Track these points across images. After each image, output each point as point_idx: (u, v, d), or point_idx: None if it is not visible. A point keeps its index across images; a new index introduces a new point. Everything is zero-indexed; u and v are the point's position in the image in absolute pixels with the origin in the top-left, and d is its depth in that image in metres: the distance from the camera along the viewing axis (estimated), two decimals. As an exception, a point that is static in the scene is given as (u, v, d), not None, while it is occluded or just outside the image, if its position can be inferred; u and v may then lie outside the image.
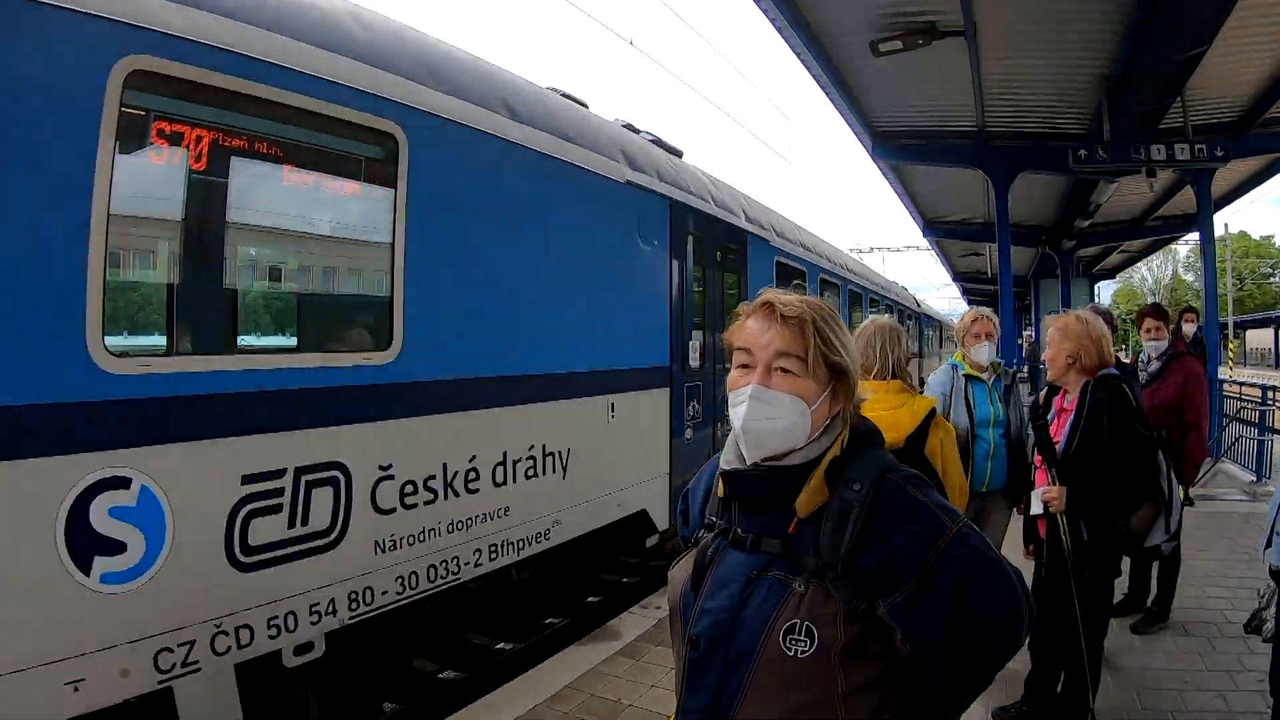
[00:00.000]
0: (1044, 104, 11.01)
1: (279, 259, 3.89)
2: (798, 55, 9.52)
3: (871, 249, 56.83)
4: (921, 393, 3.13)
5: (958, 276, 39.71)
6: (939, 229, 22.71)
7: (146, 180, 3.11)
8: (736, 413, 1.48)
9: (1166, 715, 3.87)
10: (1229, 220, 56.82)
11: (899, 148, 13.09)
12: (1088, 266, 27.43)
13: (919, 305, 21.63)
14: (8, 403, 2.53)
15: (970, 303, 47.15)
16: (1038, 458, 3.57)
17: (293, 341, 3.69)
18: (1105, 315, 4.68)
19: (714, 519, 1.59)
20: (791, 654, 1.38)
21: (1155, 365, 4.99)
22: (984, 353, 4.29)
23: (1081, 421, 3.41)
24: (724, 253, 7.51)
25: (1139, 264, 46.58)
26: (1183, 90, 9.36)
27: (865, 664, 1.41)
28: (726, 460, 1.55)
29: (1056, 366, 3.59)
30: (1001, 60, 9.44)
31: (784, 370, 1.47)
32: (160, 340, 3.16)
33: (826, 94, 10.78)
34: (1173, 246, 36.86)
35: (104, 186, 2.81)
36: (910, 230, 23.03)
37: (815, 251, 10.49)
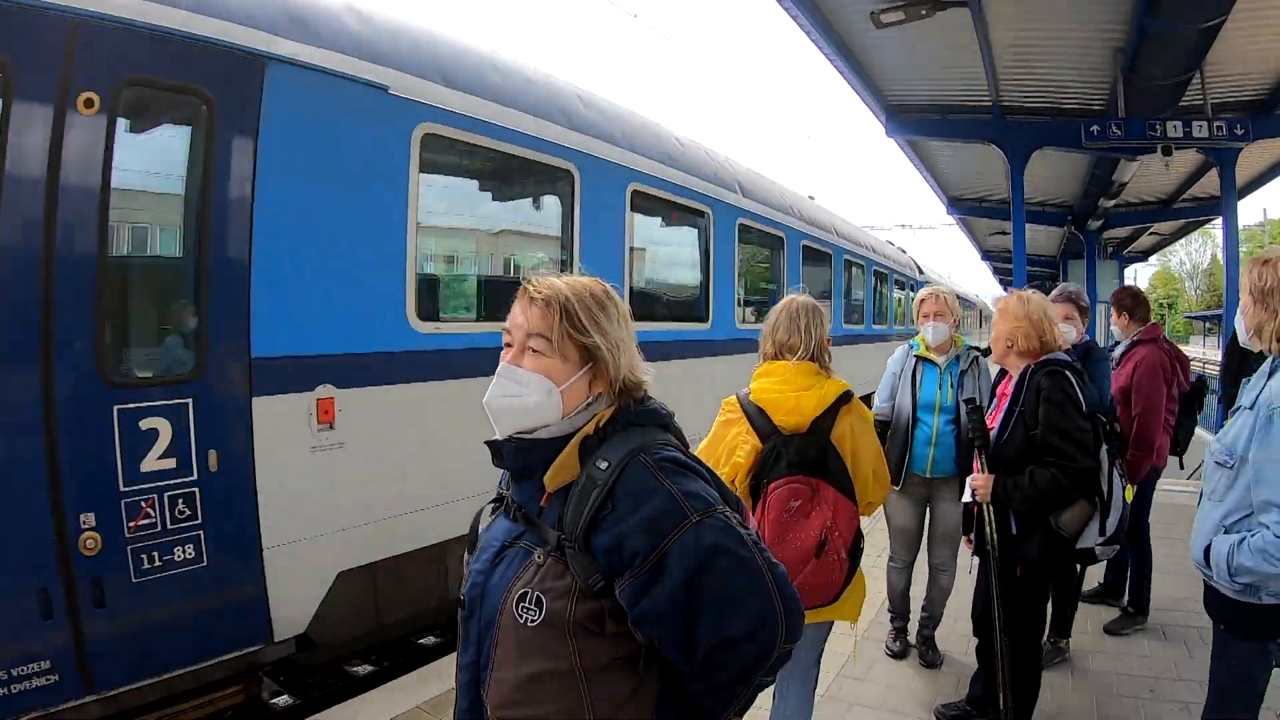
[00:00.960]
0: (1058, 78, 10.66)
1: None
2: (803, 30, 9.36)
3: (901, 225, 56.39)
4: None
5: (986, 255, 39.04)
6: (963, 206, 22.33)
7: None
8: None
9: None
10: (1269, 205, 55.25)
11: (914, 122, 12.80)
12: (1118, 248, 26.86)
13: (920, 271, 20.51)
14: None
15: (1001, 283, 46.49)
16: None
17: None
18: (1074, 297, 4.54)
19: (502, 488, 1.63)
20: (522, 622, 1.42)
21: (1119, 351, 4.78)
22: (932, 333, 4.19)
23: (1016, 408, 3.29)
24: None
25: (1176, 247, 45.59)
26: (1201, 65, 8.99)
27: (608, 643, 1.43)
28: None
29: (996, 349, 3.48)
30: (1011, 31, 9.12)
31: (534, 350, 1.51)
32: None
33: (834, 66, 10.52)
34: (1211, 229, 35.83)
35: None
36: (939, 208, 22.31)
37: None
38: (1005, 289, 49.40)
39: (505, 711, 1.48)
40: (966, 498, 3.48)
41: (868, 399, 4.01)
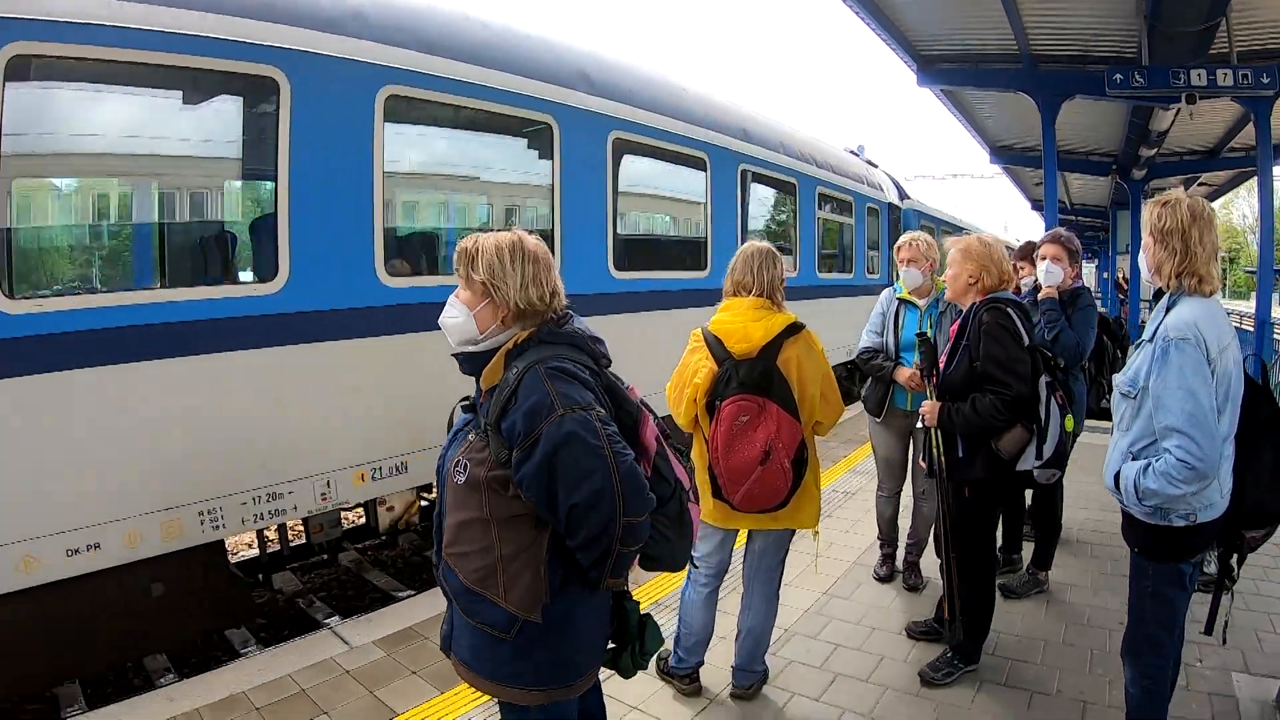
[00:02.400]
0: (1085, 25, 10.61)
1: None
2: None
3: (953, 175, 55.31)
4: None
5: (1035, 205, 38.26)
6: (1007, 155, 22.01)
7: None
8: None
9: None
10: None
11: (945, 73, 12.78)
12: (1170, 199, 26.21)
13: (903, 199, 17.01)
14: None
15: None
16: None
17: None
18: (1064, 240, 4.69)
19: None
20: (455, 481, 2.05)
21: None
22: (908, 278, 4.60)
23: (962, 341, 3.62)
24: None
25: (1239, 200, 43.94)
26: (1226, 12, 9.00)
27: (510, 502, 2.01)
28: None
29: (956, 287, 3.78)
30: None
31: (459, 286, 2.15)
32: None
33: (860, 18, 10.66)
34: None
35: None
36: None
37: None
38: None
39: (448, 549, 2.08)
40: (919, 424, 3.89)
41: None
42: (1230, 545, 2.78)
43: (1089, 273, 41.05)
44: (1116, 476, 2.64)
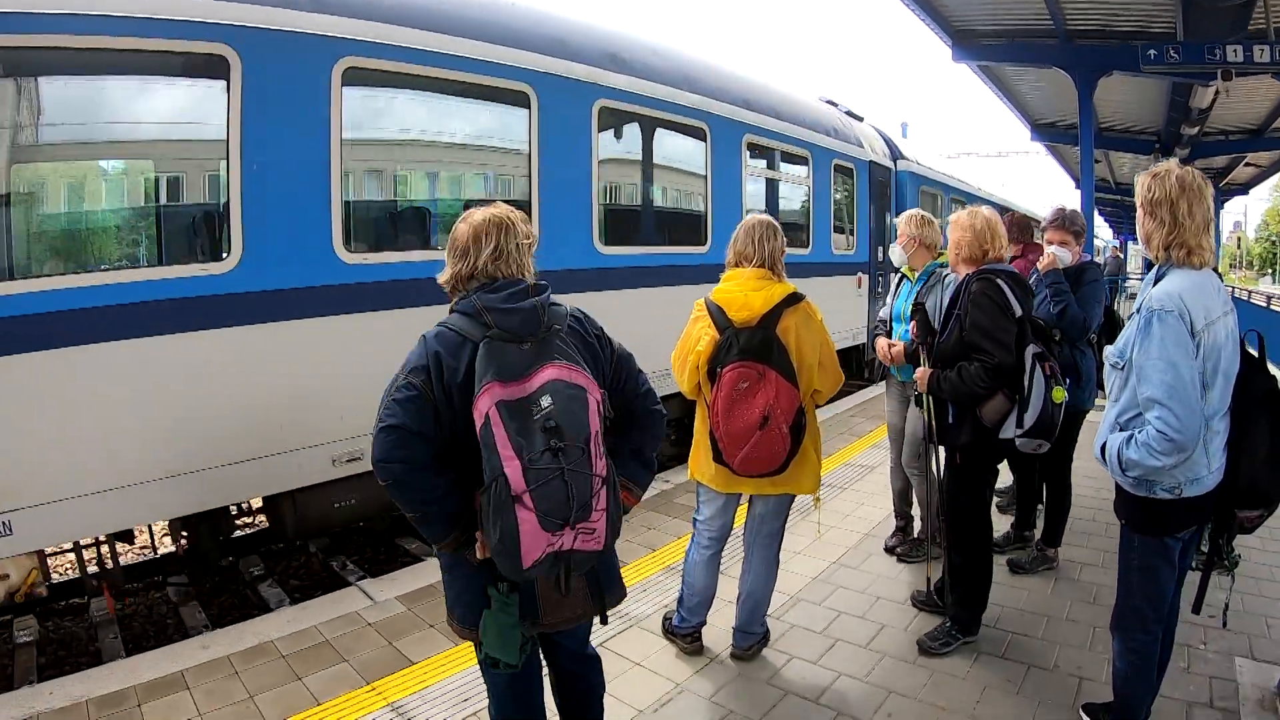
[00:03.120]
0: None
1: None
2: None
3: (998, 154, 54.26)
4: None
5: (1080, 184, 37.48)
6: (1048, 133, 21.69)
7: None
8: None
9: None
10: None
11: (980, 48, 12.68)
12: (1214, 179, 25.68)
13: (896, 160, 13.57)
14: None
15: (1102, 214, 44.52)
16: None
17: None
18: (1068, 222, 4.70)
19: None
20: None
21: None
22: (893, 254, 4.76)
23: (955, 311, 3.71)
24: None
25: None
26: (1264, -17, 8.83)
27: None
28: None
29: (951, 258, 3.95)
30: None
31: None
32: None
33: (893, -10, 10.57)
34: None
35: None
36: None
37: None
38: (1109, 221, 47.29)
39: None
40: (912, 391, 4.01)
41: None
42: (1223, 524, 2.78)
43: (1134, 253, 40.18)
44: (1104, 447, 2.66)
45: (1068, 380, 3.68)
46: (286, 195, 4.44)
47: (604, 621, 2.41)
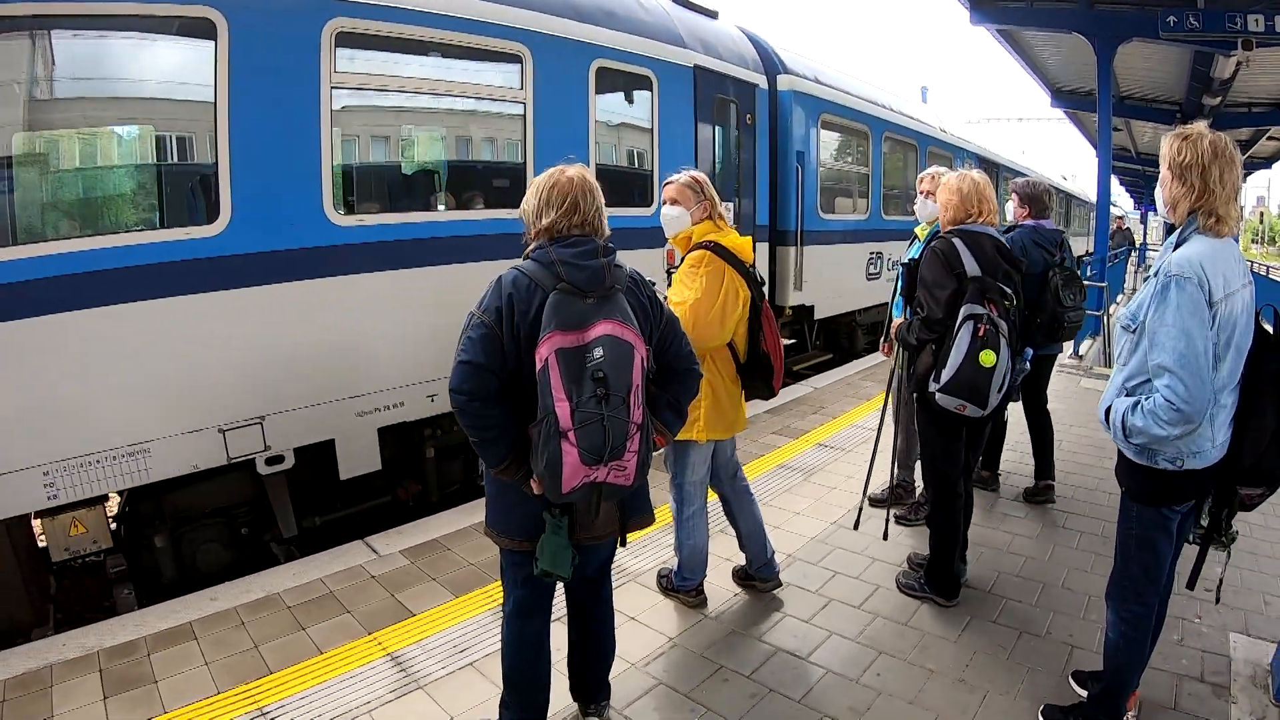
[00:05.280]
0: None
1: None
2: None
3: (1018, 119, 53.67)
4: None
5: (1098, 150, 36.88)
6: (1069, 100, 21.33)
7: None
8: None
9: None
10: None
11: (999, 11, 12.45)
12: (1239, 151, 25.27)
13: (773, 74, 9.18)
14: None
15: (1122, 183, 43.99)
16: None
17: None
18: (1018, 189, 5.06)
19: None
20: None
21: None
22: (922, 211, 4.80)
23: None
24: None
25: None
26: (1291, -47, 8.62)
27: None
28: None
29: (940, 217, 3.97)
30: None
31: None
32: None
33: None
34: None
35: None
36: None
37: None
38: (1129, 191, 46.68)
39: None
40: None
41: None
42: (1224, 500, 2.72)
43: (1154, 225, 39.69)
44: (1109, 411, 2.61)
45: (1028, 351, 3.71)
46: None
47: (623, 543, 2.76)
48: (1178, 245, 2.50)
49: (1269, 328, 2.62)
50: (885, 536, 4.45)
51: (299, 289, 4.54)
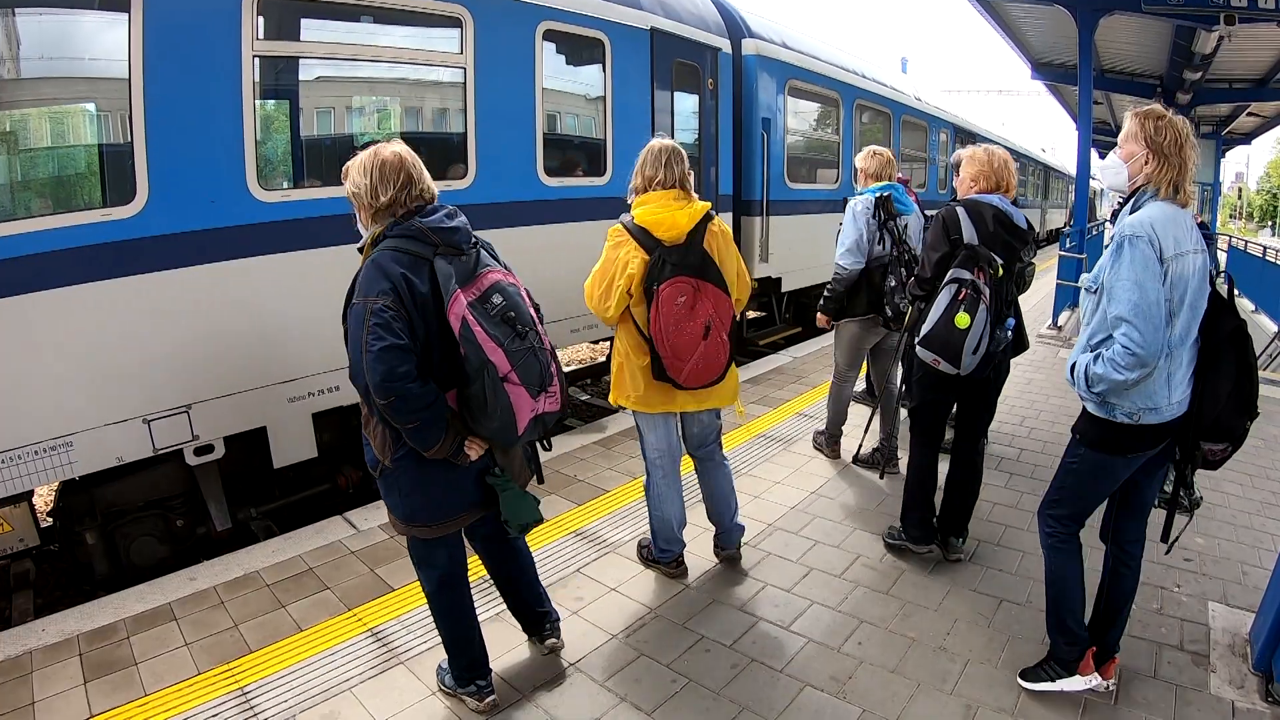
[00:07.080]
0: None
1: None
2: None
3: (999, 90, 53.70)
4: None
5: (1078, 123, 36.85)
6: (1049, 72, 21.25)
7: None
8: None
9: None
10: None
11: (978, -21, 12.31)
12: (1217, 127, 25.37)
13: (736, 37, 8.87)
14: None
15: (1101, 154, 44.23)
16: None
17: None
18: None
19: None
20: None
21: None
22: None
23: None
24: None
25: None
26: (1273, -79, 8.59)
27: None
28: None
29: (960, 189, 4.05)
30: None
31: None
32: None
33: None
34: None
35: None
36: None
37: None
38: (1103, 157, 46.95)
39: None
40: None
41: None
42: (1188, 457, 2.85)
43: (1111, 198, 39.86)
44: (1074, 367, 2.77)
45: (1010, 320, 3.79)
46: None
47: (540, 481, 3.00)
48: (1134, 210, 2.67)
49: (1223, 292, 2.79)
50: (882, 475, 5.02)
51: (223, 270, 4.32)
